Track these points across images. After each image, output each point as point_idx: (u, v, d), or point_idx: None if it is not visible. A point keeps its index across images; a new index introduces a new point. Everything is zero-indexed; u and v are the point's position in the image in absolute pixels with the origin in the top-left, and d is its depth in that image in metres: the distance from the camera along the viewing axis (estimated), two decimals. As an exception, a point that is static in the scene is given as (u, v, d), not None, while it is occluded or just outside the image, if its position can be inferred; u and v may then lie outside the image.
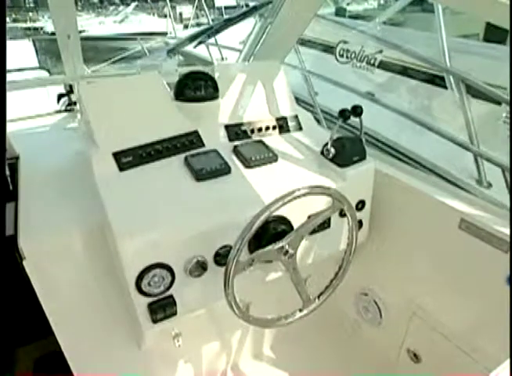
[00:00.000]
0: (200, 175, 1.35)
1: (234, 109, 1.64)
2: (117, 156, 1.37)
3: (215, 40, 3.73)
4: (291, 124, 1.70)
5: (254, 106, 1.67)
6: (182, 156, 1.44)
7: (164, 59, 2.29)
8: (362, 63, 3.43)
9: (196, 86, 1.59)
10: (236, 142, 1.56)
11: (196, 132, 1.52)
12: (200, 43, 2.41)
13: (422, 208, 1.52)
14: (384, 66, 3.22)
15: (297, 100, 3.24)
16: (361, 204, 1.54)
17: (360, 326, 1.93)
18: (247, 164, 1.44)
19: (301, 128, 1.71)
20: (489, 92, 1.84)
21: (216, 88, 1.62)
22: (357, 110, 1.43)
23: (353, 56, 3.57)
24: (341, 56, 3.69)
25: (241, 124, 1.61)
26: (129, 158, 1.38)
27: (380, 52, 3.25)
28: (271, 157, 1.48)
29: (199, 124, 1.54)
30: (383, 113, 2.32)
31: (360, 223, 1.58)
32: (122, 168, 1.36)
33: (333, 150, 1.46)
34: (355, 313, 1.94)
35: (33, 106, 2.26)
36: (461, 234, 1.34)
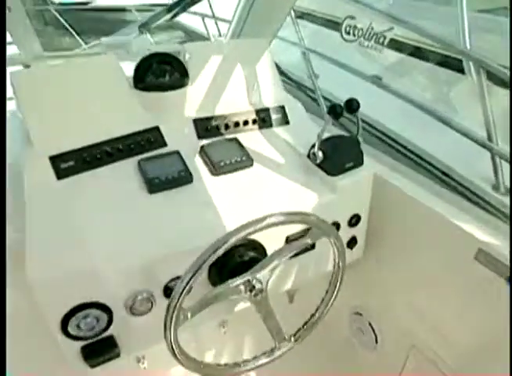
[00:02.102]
0: (153, 186, 1.10)
1: (206, 99, 1.36)
2: (54, 160, 1.11)
3: (212, 11, 3.37)
4: (275, 117, 1.42)
5: (231, 96, 1.40)
6: (137, 159, 1.18)
7: (136, 36, 1.98)
8: (370, 42, 3.08)
9: (160, 71, 1.32)
10: (206, 141, 1.29)
11: (157, 129, 1.26)
12: (175, 15, 2.08)
13: (431, 229, 1.24)
14: (394, 45, 2.87)
15: (295, 83, 2.93)
16: (355, 219, 1.27)
17: (354, 347, 1.70)
18: (214, 170, 1.18)
19: (287, 122, 1.43)
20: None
21: (185, 74, 1.34)
22: (352, 105, 1.15)
23: (360, 33, 3.22)
24: (348, 33, 3.33)
25: (213, 118, 1.34)
26: (70, 163, 1.13)
27: (391, 29, 2.91)
28: (244, 160, 1.22)
29: (161, 119, 1.28)
30: (390, 99, 2.03)
31: (354, 240, 1.32)
32: (60, 175, 1.11)
33: (320, 155, 1.19)
34: (348, 333, 1.70)
35: None
36: (476, 266, 1.08)
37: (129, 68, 1.33)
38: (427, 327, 1.33)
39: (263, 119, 1.39)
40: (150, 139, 1.24)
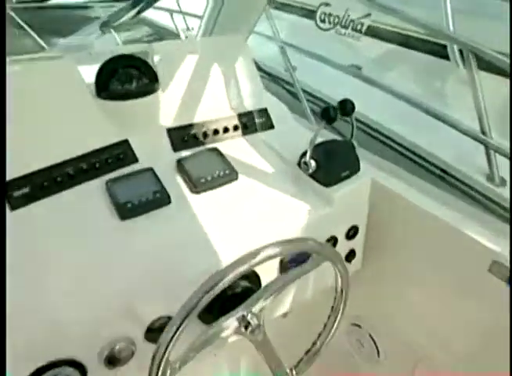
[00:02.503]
0: (124, 211, 0.95)
1: (180, 105, 1.22)
2: (7, 188, 0.95)
3: (178, 6, 3.19)
4: (258, 121, 1.29)
5: (208, 100, 1.25)
6: (104, 180, 1.03)
7: (99, 36, 1.76)
8: (347, 30, 2.96)
9: (125, 77, 1.16)
10: (183, 153, 1.15)
11: (125, 143, 1.11)
12: (139, 12, 1.91)
13: (436, 237, 1.14)
14: (373, 33, 2.75)
15: (273, 78, 2.79)
16: (353, 231, 1.16)
17: (354, 360, 1.61)
18: (195, 187, 1.04)
19: (271, 126, 1.30)
20: (504, 64, 1.41)
21: (154, 78, 1.19)
22: (346, 107, 1.03)
23: (336, 21, 3.09)
24: (323, 21, 3.20)
25: (190, 127, 1.20)
26: (24, 190, 0.97)
27: (368, 16, 2.79)
28: (228, 174, 1.08)
29: (130, 131, 1.13)
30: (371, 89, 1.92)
31: (352, 253, 1.21)
32: (13, 205, 0.95)
33: (313, 164, 1.06)
34: (346, 345, 1.60)
35: None
36: (490, 279, 0.99)
37: (92, 73, 1.17)
38: (435, 339, 1.23)
39: (245, 125, 1.26)
40: (119, 155, 1.09)
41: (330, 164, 1.07)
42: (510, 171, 1.62)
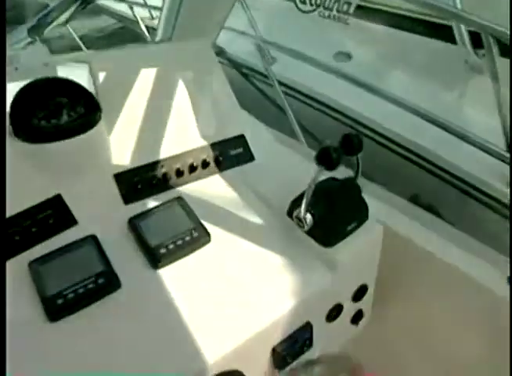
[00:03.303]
0: (53, 309, 0.69)
1: (130, 140, 0.94)
2: None
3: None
4: (234, 152, 1.01)
5: (169, 130, 0.98)
6: (27, 260, 0.76)
7: (27, 44, 1.37)
8: (331, 12, 2.63)
9: (52, 109, 0.87)
10: (137, 207, 0.88)
11: (58, 199, 0.83)
12: (85, 5, 1.55)
13: (456, 288, 0.92)
14: (362, 14, 2.42)
15: (252, 72, 2.48)
16: (361, 291, 0.92)
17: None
18: (153, 260, 0.78)
19: (251, 158, 1.03)
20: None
21: (94, 105, 0.90)
22: (353, 144, 0.77)
23: (319, 1, 2.76)
24: (303, 2, 2.87)
25: (145, 168, 0.92)
26: None
27: (355, -6, 2.47)
28: (197, 237, 0.82)
29: (64, 182, 0.85)
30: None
31: (359, 314, 0.97)
32: None
33: (309, 218, 0.80)
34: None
35: None
36: None
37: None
38: None
39: (217, 159, 0.98)
40: (48, 218, 0.81)
41: (331, 218, 0.81)
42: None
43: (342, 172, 0.87)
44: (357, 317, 0.97)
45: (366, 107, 1.89)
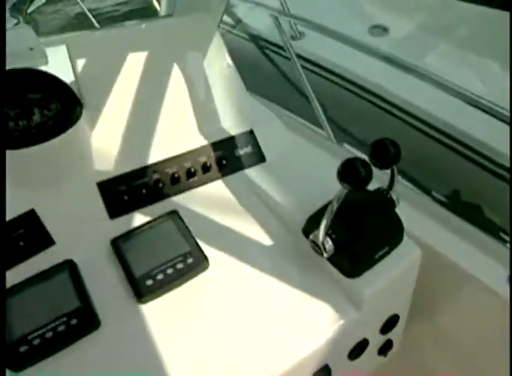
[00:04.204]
0: (18, 357, 0.57)
1: (118, 140, 0.79)
2: None
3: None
4: (241, 152, 0.85)
5: (163, 127, 0.82)
6: None
7: (15, 23, 1.24)
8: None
9: (21, 108, 0.73)
10: (123, 223, 0.74)
11: (30, 215, 0.71)
12: None
13: (497, 313, 0.76)
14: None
15: (275, 47, 2.23)
16: (391, 323, 0.77)
17: None
18: (138, 293, 0.65)
19: (262, 159, 0.87)
20: None
21: (73, 100, 0.76)
22: (389, 154, 0.60)
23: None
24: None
25: (134, 175, 0.78)
26: None
27: None
28: (192, 263, 0.68)
29: (38, 195, 0.72)
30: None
31: (389, 344, 0.82)
32: None
33: (329, 245, 0.64)
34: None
35: None
36: None
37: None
38: None
39: (219, 161, 0.82)
40: (19, 239, 0.69)
41: (358, 244, 0.65)
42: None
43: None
44: (385, 348, 0.82)
45: (406, 88, 1.64)
